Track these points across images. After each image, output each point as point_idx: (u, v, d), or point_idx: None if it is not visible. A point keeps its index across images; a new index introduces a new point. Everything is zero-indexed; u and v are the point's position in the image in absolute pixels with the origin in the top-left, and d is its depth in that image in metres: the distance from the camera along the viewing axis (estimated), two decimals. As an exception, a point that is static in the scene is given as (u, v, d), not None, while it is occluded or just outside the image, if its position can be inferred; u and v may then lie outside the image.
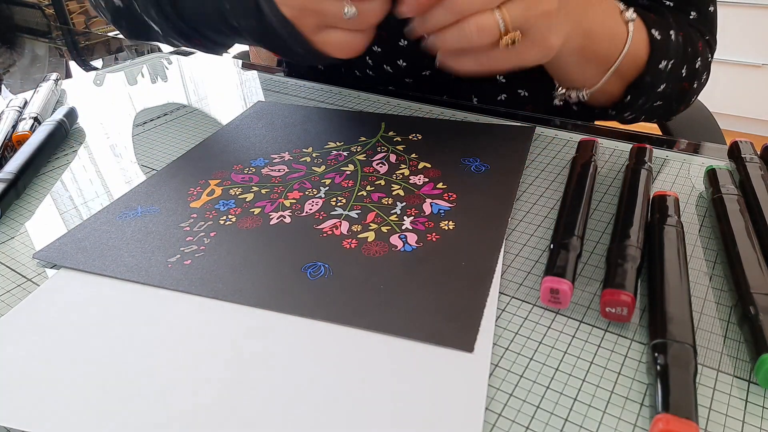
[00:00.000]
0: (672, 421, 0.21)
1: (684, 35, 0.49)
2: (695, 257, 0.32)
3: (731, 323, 0.27)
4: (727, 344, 0.26)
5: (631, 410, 0.23)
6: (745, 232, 0.30)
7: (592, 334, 0.27)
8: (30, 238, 0.37)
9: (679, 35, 0.48)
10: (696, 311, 0.28)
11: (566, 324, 0.28)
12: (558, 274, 0.28)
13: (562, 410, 0.23)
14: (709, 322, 0.28)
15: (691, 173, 0.40)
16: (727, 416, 0.23)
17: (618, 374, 0.25)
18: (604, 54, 0.44)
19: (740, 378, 0.25)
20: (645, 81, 0.47)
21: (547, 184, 0.39)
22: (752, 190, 0.34)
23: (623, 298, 0.26)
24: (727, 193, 0.34)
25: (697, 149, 0.44)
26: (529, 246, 0.33)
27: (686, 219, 0.35)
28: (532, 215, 0.36)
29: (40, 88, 0.56)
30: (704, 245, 0.33)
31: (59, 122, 0.49)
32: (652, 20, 0.47)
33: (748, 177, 0.35)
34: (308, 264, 0.32)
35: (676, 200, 0.33)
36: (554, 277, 0.28)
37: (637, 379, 0.25)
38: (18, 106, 0.52)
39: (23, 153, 0.44)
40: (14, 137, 0.48)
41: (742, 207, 0.33)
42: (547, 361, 0.26)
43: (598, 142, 0.41)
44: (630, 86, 0.48)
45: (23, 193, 0.42)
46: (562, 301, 0.28)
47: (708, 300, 0.29)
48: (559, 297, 0.28)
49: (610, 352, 0.26)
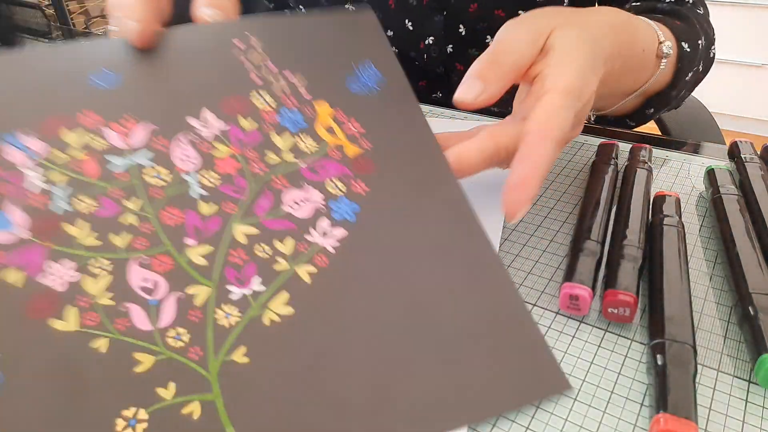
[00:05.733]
0: (671, 421, 0.21)
1: (704, 35, 0.47)
2: (695, 257, 0.32)
3: (731, 323, 0.27)
4: (727, 344, 0.26)
5: (631, 410, 0.23)
6: (745, 232, 0.30)
7: (592, 334, 0.27)
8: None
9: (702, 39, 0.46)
10: (696, 311, 0.28)
11: (566, 324, 0.28)
12: (578, 280, 0.27)
13: (562, 410, 0.23)
14: (709, 322, 0.28)
15: (691, 173, 0.40)
16: (727, 416, 0.23)
17: (618, 374, 0.25)
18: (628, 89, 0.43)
19: (740, 378, 0.25)
20: (670, 95, 0.45)
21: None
22: (752, 190, 0.34)
23: (625, 298, 0.26)
24: (726, 193, 0.34)
25: (697, 149, 0.44)
26: (528, 247, 0.33)
27: (686, 219, 0.35)
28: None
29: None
30: (704, 245, 0.33)
31: None
32: (680, 29, 0.45)
33: (748, 177, 0.35)
34: None
35: (677, 200, 0.33)
36: (573, 283, 0.27)
37: (637, 379, 0.25)
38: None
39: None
40: (14, 137, 0.48)
41: (741, 207, 0.33)
42: (547, 361, 0.26)
43: (618, 146, 0.40)
44: (652, 99, 0.46)
45: (23, 193, 0.42)
46: (581, 308, 0.27)
47: (708, 300, 0.29)
48: (579, 303, 0.27)
49: (610, 352, 0.26)
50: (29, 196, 0.24)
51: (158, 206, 0.25)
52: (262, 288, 0.23)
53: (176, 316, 0.22)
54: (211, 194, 0.25)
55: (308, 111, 0.29)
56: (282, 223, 0.25)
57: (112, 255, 0.23)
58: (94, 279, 0.23)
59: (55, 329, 0.21)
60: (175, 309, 0.22)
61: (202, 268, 0.23)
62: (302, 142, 0.28)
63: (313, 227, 0.25)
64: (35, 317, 0.22)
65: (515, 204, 0.27)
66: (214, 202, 0.25)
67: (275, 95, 0.29)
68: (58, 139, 0.26)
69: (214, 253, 0.24)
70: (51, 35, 0.91)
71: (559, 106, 0.29)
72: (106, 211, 0.24)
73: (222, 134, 0.27)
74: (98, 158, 0.26)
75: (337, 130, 0.29)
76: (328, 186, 0.27)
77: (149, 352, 0.21)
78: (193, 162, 0.26)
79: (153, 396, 0.20)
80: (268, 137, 0.28)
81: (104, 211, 0.24)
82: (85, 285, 0.22)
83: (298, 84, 0.30)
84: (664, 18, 0.45)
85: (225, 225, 0.25)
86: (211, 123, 0.27)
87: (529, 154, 0.28)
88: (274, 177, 0.26)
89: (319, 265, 0.24)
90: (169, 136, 0.27)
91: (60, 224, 0.24)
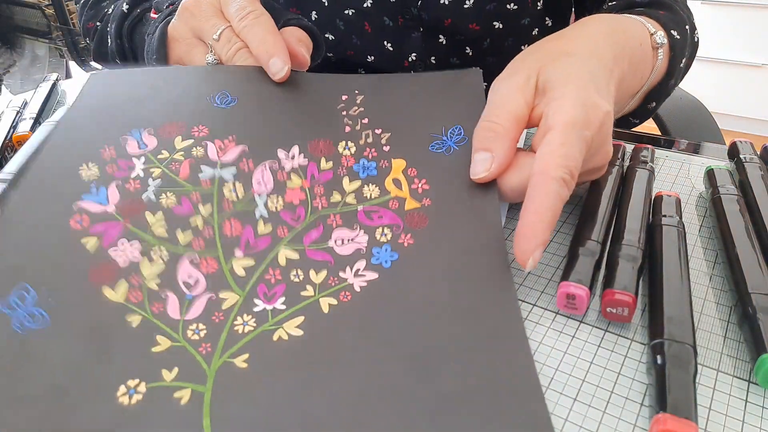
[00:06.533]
0: (671, 421, 0.21)
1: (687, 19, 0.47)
2: (695, 257, 0.32)
3: (731, 323, 0.27)
4: (727, 344, 0.26)
5: (631, 410, 0.23)
6: (745, 233, 0.30)
7: (592, 334, 0.27)
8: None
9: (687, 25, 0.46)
10: (696, 311, 0.28)
11: (566, 324, 0.28)
12: (575, 279, 0.27)
13: (562, 410, 0.23)
14: (709, 322, 0.28)
15: (691, 173, 0.40)
16: (727, 416, 0.23)
17: (618, 374, 0.25)
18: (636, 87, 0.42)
19: (740, 378, 0.25)
20: (669, 84, 0.45)
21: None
22: (752, 190, 0.34)
23: (624, 298, 0.26)
24: (726, 193, 0.34)
25: (696, 149, 0.44)
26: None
27: (686, 219, 0.35)
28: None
29: (40, 89, 0.56)
30: (704, 245, 0.33)
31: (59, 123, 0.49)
32: (666, 18, 0.45)
33: (748, 177, 0.35)
34: None
35: (677, 200, 0.33)
36: (571, 282, 0.27)
37: (637, 379, 0.25)
38: (18, 106, 0.53)
39: (23, 153, 0.44)
40: (14, 137, 0.48)
41: (741, 207, 0.33)
42: (547, 361, 0.26)
43: (624, 146, 0.40)
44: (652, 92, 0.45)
45: (23, 193, 0.42)
46: (578, 307, 0.27)
47: (708, 300, 0.29)
48: (576, 303, 0.27)
49: (610, 352, 0.26)
50: (129, 181, 0.29)
51: (224, 217, 0.28)
52: (283, 307, 0.25)
53: (202, 313, 0.25)
54: (271, 217, 0.28)
55: (384, 164, 0.31)
56: (323, 255, 0.27)
57: (172, 247, 0.27)
58: (151, 264, 0.26)
59: (105, 296, 0.25)
60: (203, 307, 0.25)
61: (239, 278, 0.26)
62: (368, 188, 0.30)
63: (350, 266, 0.27)
64: (94, 281, 0.25)
65: (525, 254, 0.26)
66: (271, 224, 0.28)
67: (359, 146, 0.32)
68: (170, 142, 0.31)
69: (254, 267, 0.26)
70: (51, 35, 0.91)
71: (560, 143, 0.28)
72: (182, 209, 0.28)
73: (300, 168, 0.31)
74: (193, 164, 0.30)
75: (404, 184, 0.30)
76: (377, 233, 0.28)
77: (169, 337, 0.24)
78: (268, 187, 0.29)
79: (157, 375, 0.23)
80: (339, 179, 0.30)
81: (180, 209, 0.28)
82: (143, 267, 0.26)
83: (384, 141, 0.32)
84: (646, 11, 0.45)
85: (272, 246, 0.27)
86: (295, 157, 0.31)
87: (533, 199, 0.27)
88: (331, 214, 0.29)
89: (341, 299, 0.26)
90: (258, 161, 0.30)
91: (143, 210, 0.28)
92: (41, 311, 0.24)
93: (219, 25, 0.38)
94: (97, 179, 0.29)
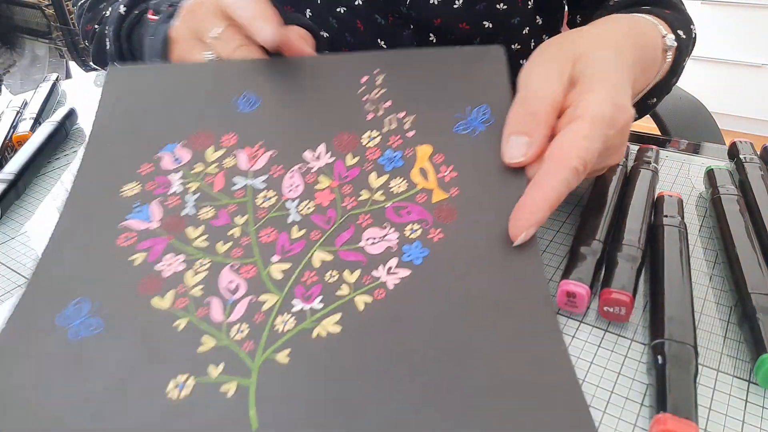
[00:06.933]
0: (671, 421, 0.21)
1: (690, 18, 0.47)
2: (695, 257, 0.32)
3: (731, 323, 0.27)
4: (727, 344, 0.26)
5: (631, 410, 0.23)
6: (745, 233, 0.30)
7: (592, 334, 0.27)
8: (30, 239, 0.37)
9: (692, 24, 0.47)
10: (696, 311, 0.28)
11: (566, 324, 0.28)
12: (576, 277, 0.28)
13: (562, 410, 0.23)
14: (709, 322, 0.28)
15: (691, 173, 0.40)
16: (727, 416, 0.23)
17: (618, 374, 0.25)
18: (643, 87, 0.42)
19: (740, 378, 0.25)
20: (671, 82, 0.45)
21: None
22: (751, 190, 0.34)
23: (621, 297, 0.26)
24: (726, 193, 0.34)
25: (696, 149, 0.44)
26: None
27: (686, 219, 0.35)
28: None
29: (40, 89, 0.56)
30: (704, 245, 0.33)
31: (59, 123, 0.49)
32: (672, 18, 0.45)
33: (748, 177, 0.35)
34: None
35: (679, 201, 0.33)
36: (571, 280, 0.27)
37: (637, 379, 0.25)
38: (18, 106, 0.53)
39: (23, 153, 0.44)
40: (14, 138, 0.48)
41: (741, 207, 0.33)
42: (547, 361, 0.26)
43: (628, 146, 0.40)
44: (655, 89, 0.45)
45: (23, 193, 0.42)
46: (578, 305, 0.27)
47: (708, 300, 0.29)
48: (576, 301, 0.27)
49: (610, 352, 0.26)
50: (168, 198, 0.30)
51: (260, 225, 0.29)
52: (320, 306, 0.26)
53: (244, 314, 0.26)
54: (303, 221, 0.29)
55: (409, 152, 0.31)
56: (355, 255, 0.28)
57: (213, 258, 0.28)
58: (195, 274, 0.27)
59: (153, 304, 0.26)
60: (245, 309, 0.26)
61: (277, 281, 0.27)
62: (395, 182, 0.30)
63: (383, 264, 0.27)
64: (144, 293, 0.27)
65: (519, 228, 0.26)
66: (305, 228, 0.29)
67: (383, 134, 0.32)
68: (202, 155, 0.32)
69: (291, 270, 0.27)
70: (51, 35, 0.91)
71: (584, 135, 0.28)
72: (220, 221, 0.29)
73: (327, 167, 0.31)
74: (226, 175, 0.31)
75: (430, 174, 0.30)
76: (407, 230, 0.29)
77: (214, 337, 0.25)
78: (298, 191, 0.30)
79: (204, 370, 0.24)
80: (365, 175, 0.30)
81: (218, 221, 0.29)
82: (186, 277, 0.27)
83: (408, 126, 0.32)
84: (652, 9, 0.45)
85: (307, 249, 0.28)
86: (322, 157, 0.31)
87: (543, 179, 0.27)
88: (361, 214, 0.29)
89: (375, 297, 0.26)
90: (287, 166, 0.31)
91: (184, 224, 0.29)
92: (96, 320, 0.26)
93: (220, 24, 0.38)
94: (139, 197, 0.30)
